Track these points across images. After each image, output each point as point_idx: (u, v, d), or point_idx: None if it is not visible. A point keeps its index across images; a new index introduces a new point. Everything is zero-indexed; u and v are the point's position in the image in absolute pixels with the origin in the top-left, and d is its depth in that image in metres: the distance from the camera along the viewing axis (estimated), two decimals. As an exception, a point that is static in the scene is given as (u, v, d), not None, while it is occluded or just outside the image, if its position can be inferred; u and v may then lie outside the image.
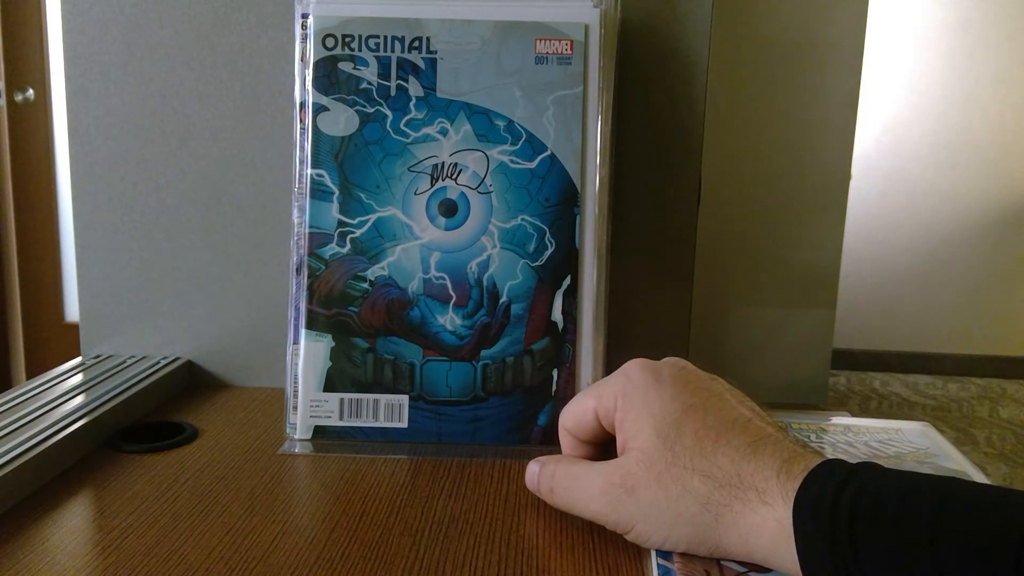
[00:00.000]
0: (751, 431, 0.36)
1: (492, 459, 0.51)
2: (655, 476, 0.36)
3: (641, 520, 0.37)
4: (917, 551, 0.29)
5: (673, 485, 0.36)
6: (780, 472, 0.34)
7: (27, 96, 2.42)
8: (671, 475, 0.36)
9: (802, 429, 0.52)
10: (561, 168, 0.52)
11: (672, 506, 0.36)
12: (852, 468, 0.33)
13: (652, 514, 0.36)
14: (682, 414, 0.37)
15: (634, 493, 0.37)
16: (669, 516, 0.36)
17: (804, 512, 0.32)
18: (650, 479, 0.36)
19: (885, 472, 0.33)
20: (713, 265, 0.73)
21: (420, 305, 0.53)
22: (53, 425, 0.50)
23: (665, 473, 0.36)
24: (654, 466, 0.36)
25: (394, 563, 0.39)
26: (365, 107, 0.52)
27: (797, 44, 0.70)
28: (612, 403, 0.40)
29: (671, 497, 0.36)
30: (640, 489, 0.37)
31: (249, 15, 0.60)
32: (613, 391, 0.40)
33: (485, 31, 0.52)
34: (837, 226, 0.73)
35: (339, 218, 0.52)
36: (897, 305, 3.21)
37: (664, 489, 0.36)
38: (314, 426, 0.53)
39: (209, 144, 0.62)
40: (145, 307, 0.64)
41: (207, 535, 0.41)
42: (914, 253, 3.20)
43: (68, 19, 0.61)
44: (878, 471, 0.33)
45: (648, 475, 0.36)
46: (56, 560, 0.39)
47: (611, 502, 0.38)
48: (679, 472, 0.36)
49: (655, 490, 0.36)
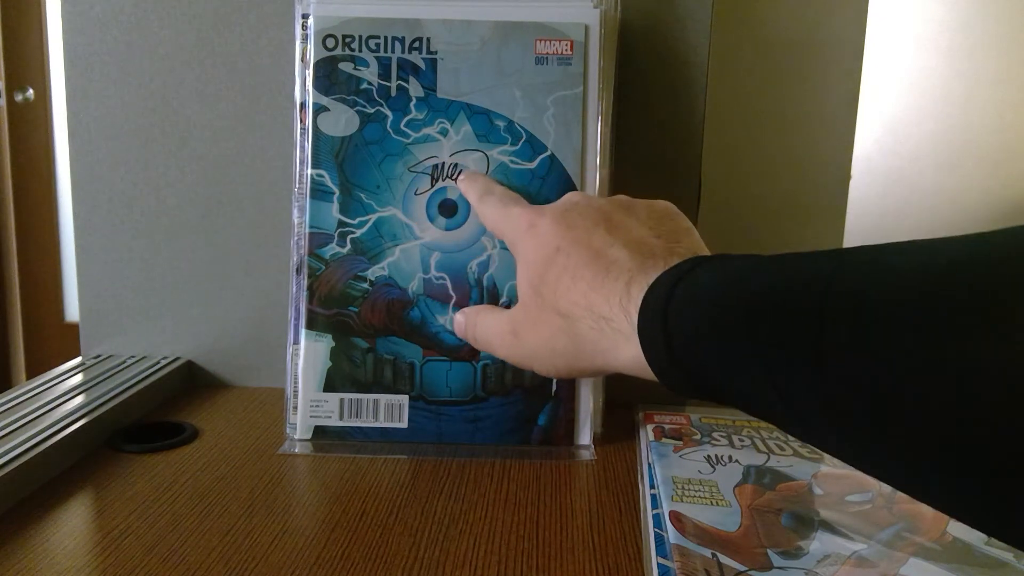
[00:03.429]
0: (602, 261, 0.38)
1: (492, 459, 0.51)
2: (531, 321, 0.41)
3: (531, 359, 0.42)
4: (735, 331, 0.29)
5: (545, 327, 0.40)
6: (622, 296, 0.36)
7: (27, 96, 2.42)
8: (542, 319, 0.40)
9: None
10: (561, 168, 0.52)
11: (547, 344, 0.40)
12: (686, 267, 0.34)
13: (536, 354, 0.41)
14: (548, 260, 0.40)
15: (519, 337, 0.42)
16: (547, 353, 0.41)
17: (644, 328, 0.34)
18: (528, 324, 0.41)
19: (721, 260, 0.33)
20: (713, 265, 0.72)
21: (420, 305, 0.53)
22: (53, 425, 0.50)
23: (538, 317, 0.41)
24: (530, 312, 0.41)
25: (394, 563, 0.39)
26: (365, 107, 0.52)
27: (797, 44, 0.70)
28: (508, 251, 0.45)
29: (545, 337, 0.40)
30: (523, 334, 0.42)
31: (249, 15, 0.60)
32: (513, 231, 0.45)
33: (485, 31, 0.52)
34: (837, 226, 0.73)
35: (339, 218, 0.52)
36: (897, 305, 3.20)
37: (538, 331, 0.41)
38: (314, 426, 0.53)
39: (209, 144, 0.62)
40: (145, 307, 0.64)
41: (207, 535, 0.41)
42: (914, 253, 3.19)
43: (68, 19, 0.61)
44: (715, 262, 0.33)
45: (526, 321, 0.42)
46: (56, 560, 0.39)
47: (508, 347, 0.44)
48: (548, 315, 0.40)
49: (532, 334, 0.41)
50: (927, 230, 3.16)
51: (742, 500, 0.42)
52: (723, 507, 0.42)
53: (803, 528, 0.39)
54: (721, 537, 0.39)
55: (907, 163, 3.15)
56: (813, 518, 0.41)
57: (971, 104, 3.10)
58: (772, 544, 0.38)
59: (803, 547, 0.38)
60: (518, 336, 0.43)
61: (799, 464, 0.48)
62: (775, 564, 0.36)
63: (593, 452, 0.52)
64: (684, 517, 0.40)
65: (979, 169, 3.12)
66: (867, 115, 3.15)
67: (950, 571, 0.36)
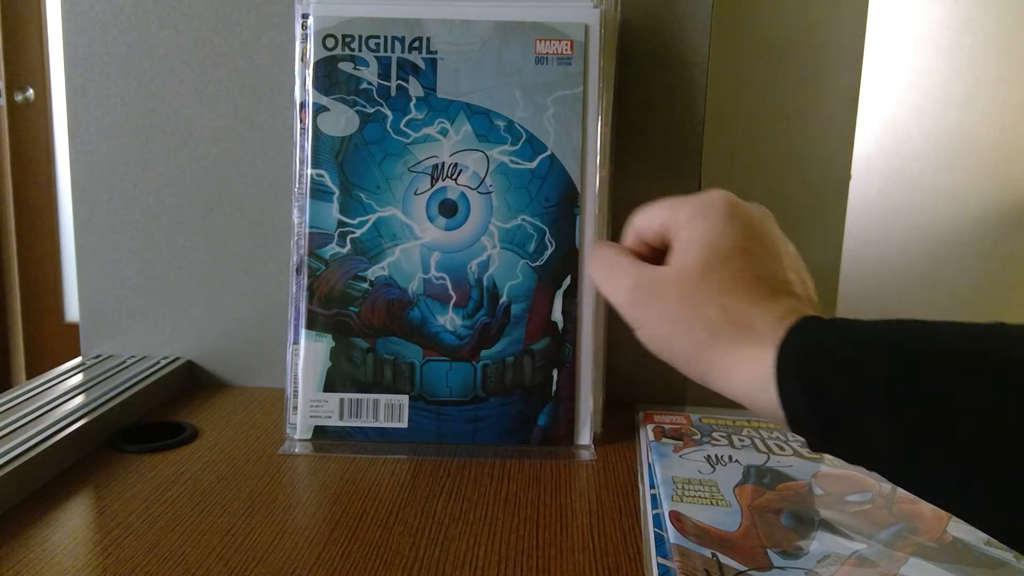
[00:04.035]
0: (779, 288, 0.38)
1: (492, 459, 0.51)
2: (681, 292, 0.39)
3: (653, 323, 0.39)
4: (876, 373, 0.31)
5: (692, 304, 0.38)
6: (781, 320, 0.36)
7: (27, 96, 2.42)
8: (695, 297, 0.38)
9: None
10: (561, 168, 0.52)
11: (683, 322, 0.38)
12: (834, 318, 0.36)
13: (663, 322, 0.39)
14: (733, 252, 0.39)
15: (657, 298, 0.39)
16: (678, 329, 0.38)
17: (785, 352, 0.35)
18: (676, 292, 0.39)
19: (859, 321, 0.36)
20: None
21: (420, 305, 0.53)
22: (53, 425, 0.50)
23: (691, 293, 0.38)
24: (684, 284, 0.39)
25: (394, 563, 0.39)
26: (365, 107, 0.52)
27: (797, 44, 0.70)
28: (682, 222, 0.41)
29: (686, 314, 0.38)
30: (663, 297, 0.39)
31: (249, 15, 0.60)
32: (688, 211, 0.41)
33: (485, 31, 0.52)
34: (837, 226, 0.72)
35: (339, 218, 0.52)
36: (897, 305, 3.20)
37: (683, 304, 0.38)
38: (314, 426, 0.53)
39: (209, 144, 0.62)
40: (145, 307, 0.64)
41: (207, 535, 0.41)
42: (914, 253, 3.19)
43: (68, 19, 0.61)
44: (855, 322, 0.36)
45: (676, 289, 0.39)
46: (56, 560, 0.39)
47: (634, 298, 0.40)
48: (703, 296, 0.38)
49: (675, 303, 0.38)
50: (927, 230, 3.16)
51: (742, 500, 0.42)
52: (723, 507, 0.42)
53: (803, 528, 0.39)
54: (721, 537, 0.39)
55: (907, 163, 3.14)
56: (813, 518, 0.41)
57: (971, 104, 3.10)
58: (772, 544, 0.38)
59: (803, 547, 0.38)
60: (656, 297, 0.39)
61: (799, 464, 0.48)
62: (775, 564, 0.36)
63: (593, 452, 0.52)
64: (684, 517, 0.40)
65: (979, 169, 3.12)
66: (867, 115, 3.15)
67: (950, 571, 0.36)
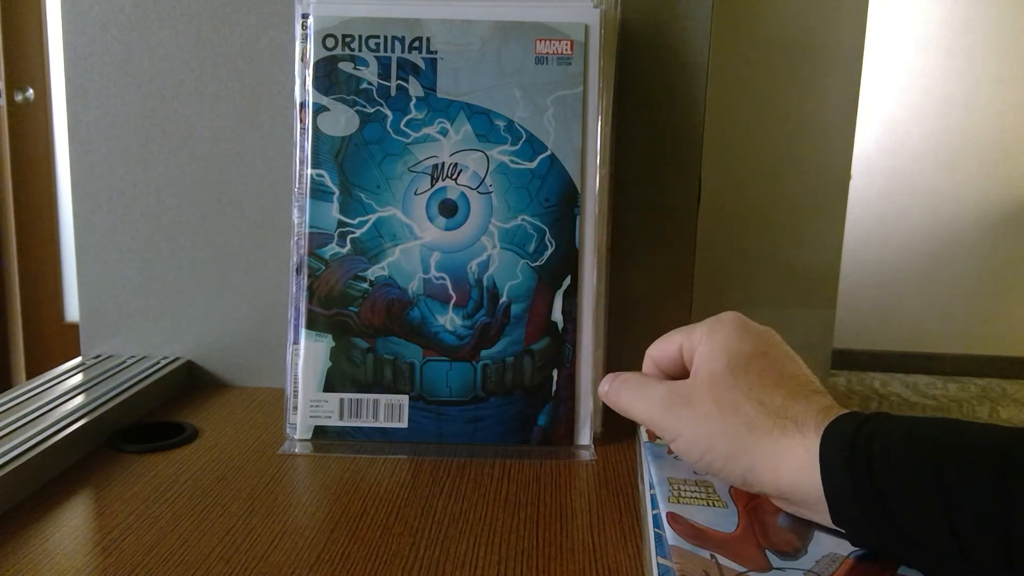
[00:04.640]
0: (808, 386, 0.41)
1: (492, 459, 0.51)
2: (714, 395, 0.40)
3: (689, 428, 0.41)
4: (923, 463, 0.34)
5: (727, 404, 0.40)
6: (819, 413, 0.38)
7: (27, 96, 2.42)
8: (728, 397, 0.40)
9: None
10: (561, 168, 0.52)
11: (720, 421, 0.39)
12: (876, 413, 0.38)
13: (700, 424, 0.40)
14: (754, 355, 0.41)
15: (690, 403, 0.41)
16: (715, 428, 0.39)
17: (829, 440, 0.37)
18: (709, 396, 0.40)
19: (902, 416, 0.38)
20: (713, 265, 0.73)
21: (420, 305, 0.53)
22: (53, 425, 0.50)
23: (723, 395, 0.40)
24: (716, 387, 0.40)
25: (394, 563, 0.39)
26: (365, 107, 0.52)
27: (797, 44, 0.70)
28: (698, 339, 0.43)
29: (722, 413, 0.39)
30: (697, 401, 0.41)
31: (249, 15, 0.60)
32: (703, 330, 0.43)
33: (485, 31, 0.52)
34: (837, 226, 0.73)
35: (339, 218, 0.52)
36: (897, 305, 3.21)
37: (718, 405, 0.40)
38: (314, 426, 0.53)
39: (209, 144, 0.62)
40: (145, 307, 0.64)
41: (207, 535, 0.41)
42: (914, 253, 3.19)
43: (68, 19, 0.61)
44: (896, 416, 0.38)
45: (709, 392, 0.40)
46: (56, 560, 0.39)
47: (667, 408, 0.42)
48: (736, 396, 0.40)
49: (709, 404, 0.40)
50: (927, 230, 3.16)
51: (738, 501, 0.42)
52: (720, 508, 0.41)
53: (800, 528, 0.39)
54: (719, 538, 0.39)
55: (907, 163, 3.15)
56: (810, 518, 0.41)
57: (971, 104, 3.10)
58: (770, 544, 0.38)
59: (801, 547, 0.38)
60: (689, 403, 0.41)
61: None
62: (774, 565, 0.36)
63: (593, 452, 0.52)
64: (681, 518, 0.40)
65: (979, 169, 3.12)
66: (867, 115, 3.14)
67: (949, 571, 0.36)
